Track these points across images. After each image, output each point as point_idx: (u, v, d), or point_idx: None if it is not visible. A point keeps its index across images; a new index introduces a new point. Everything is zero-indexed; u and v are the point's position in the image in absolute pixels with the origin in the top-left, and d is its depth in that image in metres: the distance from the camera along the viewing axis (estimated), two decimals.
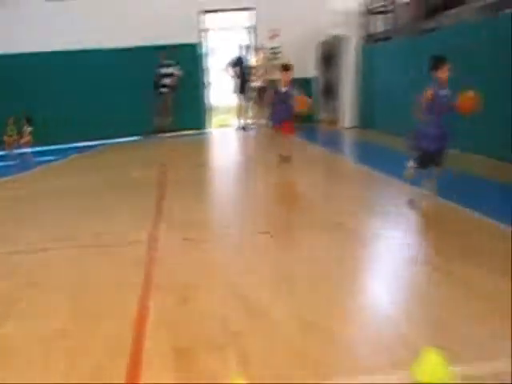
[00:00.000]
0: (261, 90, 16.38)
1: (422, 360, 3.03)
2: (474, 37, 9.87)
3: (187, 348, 3.52)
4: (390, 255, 5.40)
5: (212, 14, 16.75)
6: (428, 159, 6.75)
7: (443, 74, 6.55)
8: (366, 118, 15.23)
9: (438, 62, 6.60)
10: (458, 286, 4.37)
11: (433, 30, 12.28)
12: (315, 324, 3.78)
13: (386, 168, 8.96)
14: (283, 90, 9.85)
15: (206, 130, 17.06)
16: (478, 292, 4.23)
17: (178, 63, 15.89)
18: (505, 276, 4.45)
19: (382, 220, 6.43)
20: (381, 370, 3.14)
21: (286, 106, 9.78)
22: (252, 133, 16.39)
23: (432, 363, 3.01)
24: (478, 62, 9.66)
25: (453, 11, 11.43)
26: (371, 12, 15.69)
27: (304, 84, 16.68)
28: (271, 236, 5.97)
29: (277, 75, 15.88)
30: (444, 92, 6.61)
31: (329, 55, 17.05)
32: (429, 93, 6.59)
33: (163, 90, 15.99)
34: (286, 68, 9.94)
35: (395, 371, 3.11)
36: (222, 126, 18.16)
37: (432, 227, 6.22)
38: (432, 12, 12.45)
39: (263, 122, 16.74)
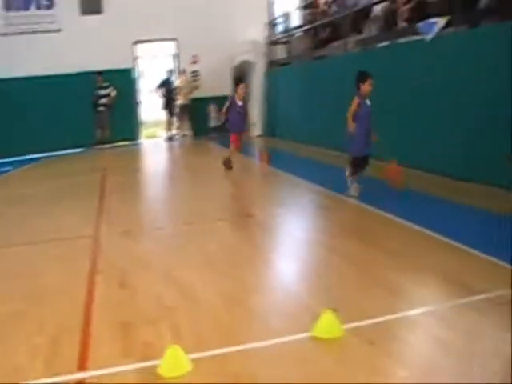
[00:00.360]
0: (184, 107, 16.35)
1: (320, 320, 3.15)
2: (356, 65, 10.12)
3: (128, 323, 3.53)
4: (292, 239, 5.53)
5: (143, 43, 16.57)
6: (358, 163, 6.67)
7: (367, 87, 6.53)
8: (271, 128, 15.44)
9: (362, 76, 6.59)
10: (346, 260, 4.55)
11: (322, 57, 12.58)
12: (235, 299, 3.86)
13: (289, 169, 9.08)
14: (239, 103, 9.16)
15: (139, 141, 16.85)
16: (361, 264, 4.42)
17: (112, 85, 15.64)
18: (383, 251, 4.65)
19: (286, 211, 6.56)
20: (288, 333, 3.25)
21: (243, 118, 9.23)
22: (177, 143, 16.32)
23: (328, 322, 3.13)
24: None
25: (337, 43, 11.71)
26: (273, 42, 15.96)
27: (221, 100, 16.77)
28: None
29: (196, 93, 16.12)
30: (367, 103, 6.62)
31: (240, 77, 17.14)
32: (355, 103, 6.55)
33: (101, 108, 15.74)
34: (239, 82, 9.35)
35: (300, 332, 3.23)
36: (151, 137, 17.98)
37: (326, 216, 6.38)
38: (321, 43, 12.75)
39: (186, 133, 16.70)
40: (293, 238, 5.61)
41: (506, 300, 3.48)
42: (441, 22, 7.71)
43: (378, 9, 10.59)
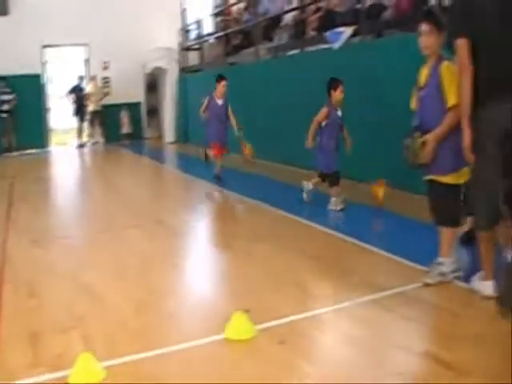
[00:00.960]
0: (95, 114, 15.98)
1: (231, 322, 3.18)
2: (267, 72, 10.32)
3: (38, 333, 3.42)
4: (204, 245, 5.55)
5: (52, 48, 16.02)
6: (337, 177, 6.25)
7: (338, 94, 6.18)
8: (183, 134, 15.38)
9: (333, 83, 6.23)
10: (259, 264, 4.62)
11: (234, 64, 12.70)
12: (147, 305, 3.84)
13: (202, 175, 9.05)
14: (219, 102, 7.93)
15: (48, 149, 16.26)
16: (275, 267, 4.49)
17: (14, 91, 15.04)
18: (297, 254, 4.75)
19: (195, 215, 6.58)
20: (201, 336, 3.25)
21: (223, 123, 7.93)
22: (88, 150, 15.91)
23: (239, 324, 3.17)
24: (271, 92, 10.08)
25: (249, 50, 11.86)
26: (186, 49, 15.94)
27: (133, 107, 16.59)
28: None
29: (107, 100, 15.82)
30: (338, 113, 6.30)
31: (153, 83, 17.09)
32: (323, 112, 6.18)
33: (3, 115, 15.12)
34: (220, 77, 8.01)
35: (212, 334, 3.24)
36: (61, 144, 17.42)
37: (240, 221, 6.43)
38: (233, 50, 12.88)
39: (98, 140, 16.31)
40: (205, 243, 5.64)
41: (412, 295, 3.69)
42: (348, 31, 8.00)
43: (288, 17, 10.86)
